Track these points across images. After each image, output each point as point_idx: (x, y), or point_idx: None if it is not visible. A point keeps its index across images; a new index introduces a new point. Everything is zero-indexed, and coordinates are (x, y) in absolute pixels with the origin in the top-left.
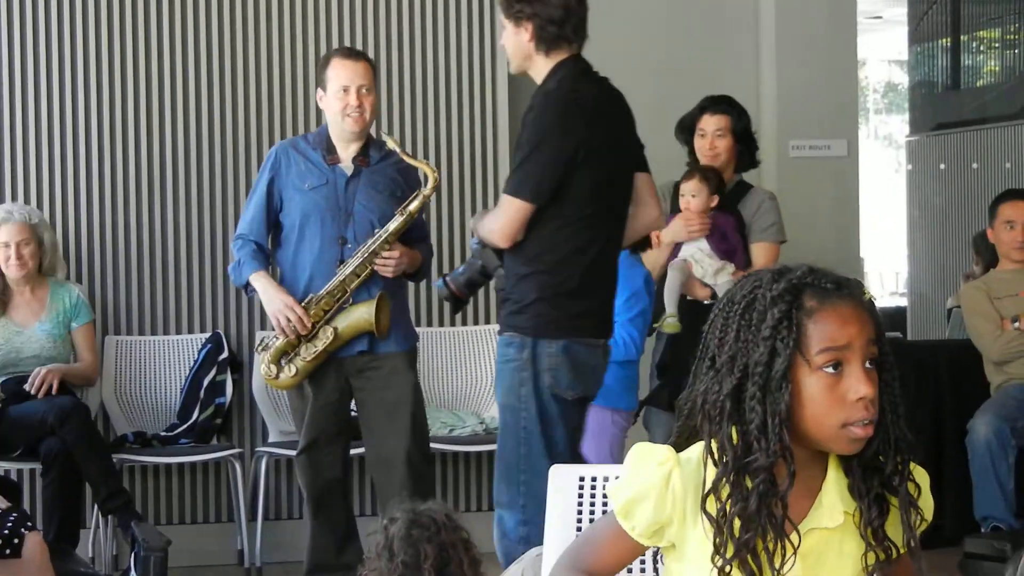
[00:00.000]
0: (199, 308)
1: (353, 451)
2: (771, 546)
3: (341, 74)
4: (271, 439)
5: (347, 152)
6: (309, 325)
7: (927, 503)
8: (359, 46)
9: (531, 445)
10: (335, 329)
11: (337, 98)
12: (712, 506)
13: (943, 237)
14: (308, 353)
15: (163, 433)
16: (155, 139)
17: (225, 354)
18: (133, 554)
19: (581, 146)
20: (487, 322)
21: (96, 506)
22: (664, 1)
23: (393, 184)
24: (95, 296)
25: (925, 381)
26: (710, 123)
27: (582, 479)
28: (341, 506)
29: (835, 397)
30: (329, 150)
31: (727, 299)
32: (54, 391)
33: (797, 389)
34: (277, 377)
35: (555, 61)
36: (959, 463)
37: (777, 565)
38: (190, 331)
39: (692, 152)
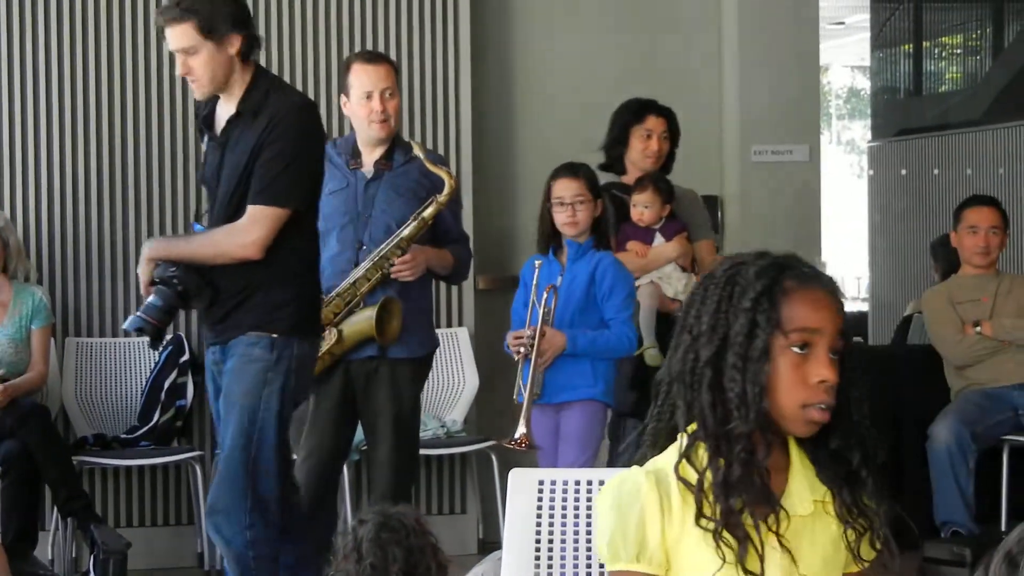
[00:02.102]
0: None
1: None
2: (757, 516)
3: (363, 79)
4: None
5: (371, 156)
6: None
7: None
8: (321, 50)
9: (263, 447)
10: (339, 331)
11: (361, 104)
12: (685, 471)
13: (904, 242)
14: None
15: (123, 435)
16: (116, 142)
17: (186, 356)
18: (92, 556)
19: (323, 155)
20: (449, 325)
21: (55, 508)
22: (625, 6)
23: (417, 187)
24: (55, 298)
25: (886, 386)
26: (658, 124)
27: (541, 483)
28: (330, 514)
29: (798, 377)
30: (353, 155)
31: (707, 275)
32: None
33: (771, 364)
34: None
35: (250, 70)
36: (919, 468)
37: (768, 534)
38: None
39: (615, 153)
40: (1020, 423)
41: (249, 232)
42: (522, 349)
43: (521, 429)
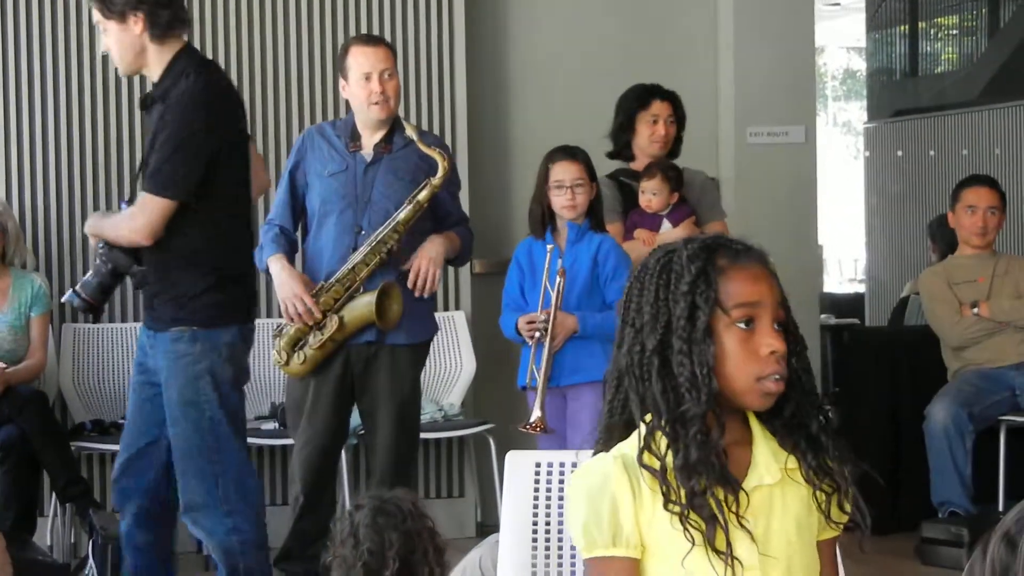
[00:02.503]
0: None
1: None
2: (720, 495)
3: (361, 61)
4: None
5: (371, 139)
6: (318, 315)
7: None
8: (316, 35)
9: (219, 435)
10: (341, 318)
11: (360, 86)
12: (648, 459)
13: (901, 224)
14: (315, 341)
15: (121, 420)
16: (111, 126)
17: None
18: (91, 542)
19: (225, 139)
20: (447, 309)
21: (54, 494)
22: None
23: (416, 170)
24: (52, 284)
25: (883, 367)
26: (664, 109)
27: (538, 465)
28: (329, 502)
29: (748, 351)
30: (353, 137)
31: (640, 267)
32: None
33: (715, 343)
34: (287, 363)
35: (172, 51)
36: (917, 449)
37: (730, 514)
38: None
39: (622, 140)
40: (1017, 403)
41: (136, 218)
42: (536, 334)
43: (536, 413)
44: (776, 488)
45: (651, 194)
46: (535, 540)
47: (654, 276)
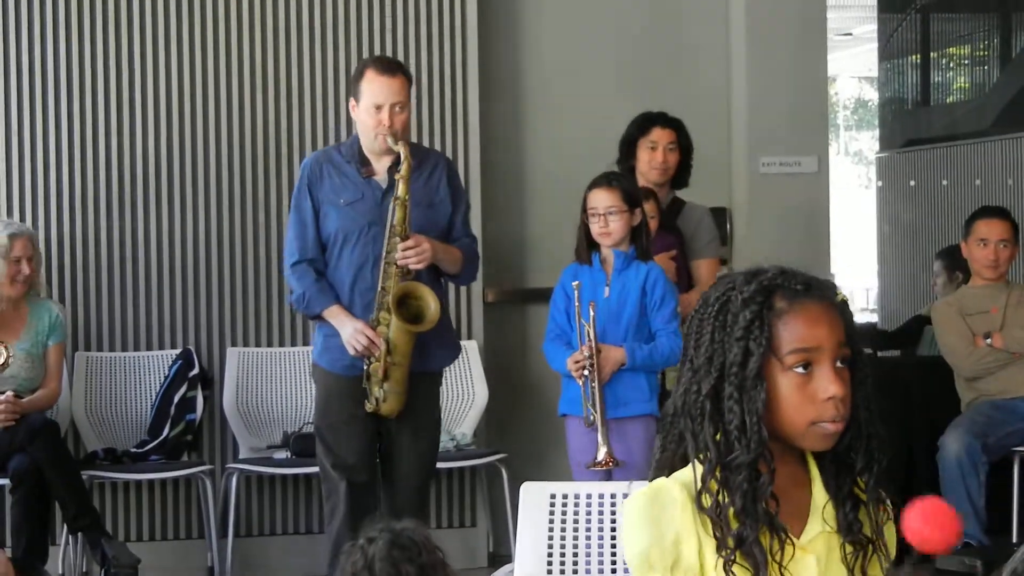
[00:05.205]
0: (169, 324)
1: None
2: (768, 542)
3: (375, 90)
4: (242, 455)
5: (381, 164)
6: (379, 343)
7: (891, 540)
8: (330, 54)
9: None
10: (386, 341)
11: (369, 114)
12: (705, 501)
13: (913, 253)
14: (376, 374)
15: (133, 450)
16: (126, 154)
17: (195, 370)
18: (103, 571)
19: None
20: (458, 338)
21: (65, 523)
22: (634, 17)
23: (432, 193)
24: (68, 311)
25: (896, 397)
26: (664, 136)
27: (553, 496)
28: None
29: (805, 396)
30: (363, 162)
31: (702, 301)
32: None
33: (771, 387)
34: (378, 408)
35: None
36: (930, 480)
37: (773, 563)
38: (160, 347)
39: (625, 168)
40: None
41: None
42: (585, 372)
43: (603, 451)
44: (834, 536)
45: (649, 218)
46: (550, 571)
47: (711, 316)
